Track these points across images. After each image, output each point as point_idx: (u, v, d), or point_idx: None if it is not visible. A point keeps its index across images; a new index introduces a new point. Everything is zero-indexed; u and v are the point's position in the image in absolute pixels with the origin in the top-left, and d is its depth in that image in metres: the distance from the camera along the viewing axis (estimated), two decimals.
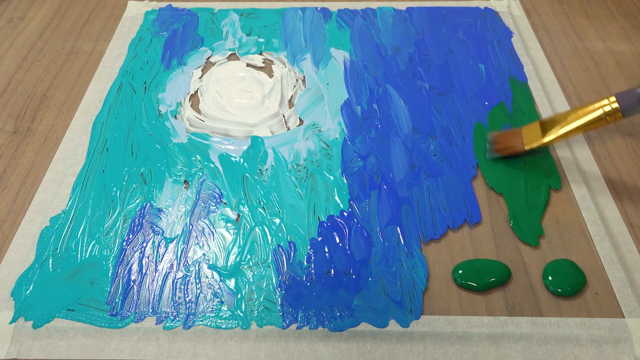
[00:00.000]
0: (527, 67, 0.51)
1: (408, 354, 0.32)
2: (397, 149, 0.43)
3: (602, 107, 0.36)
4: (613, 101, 0.36)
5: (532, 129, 0.40)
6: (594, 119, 0.37)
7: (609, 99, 0.36)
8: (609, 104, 0.36)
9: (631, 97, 0.35)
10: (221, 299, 0.34)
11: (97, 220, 0.38)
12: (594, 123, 0.37)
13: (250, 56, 0.53)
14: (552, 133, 0.39)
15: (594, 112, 0.37)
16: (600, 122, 0.36)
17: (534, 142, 0.40)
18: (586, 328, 0.33)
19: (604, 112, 0.36)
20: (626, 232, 0.38)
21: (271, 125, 0.46)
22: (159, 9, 0.59)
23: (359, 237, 0.37)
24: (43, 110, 0.48)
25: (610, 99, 0.36)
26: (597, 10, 0.59)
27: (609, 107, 0.36)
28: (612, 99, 0.36)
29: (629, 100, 0.35)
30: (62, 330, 0.33)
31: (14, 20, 0.59)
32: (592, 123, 0.37)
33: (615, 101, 0.36)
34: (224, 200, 0.40)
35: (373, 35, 0.55)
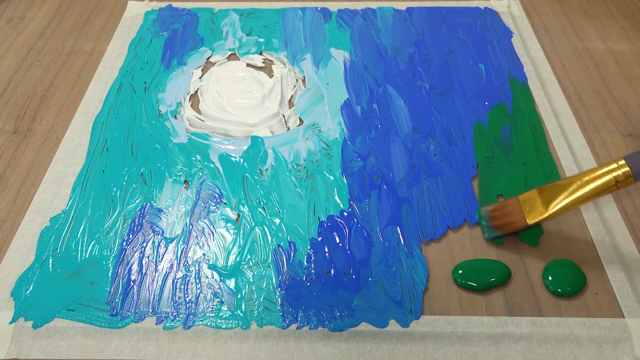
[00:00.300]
0: (527, 67, 0.51)
1: (408, 354, 0.32)
2: (397, 149, 0.43)
3: (610, 172, 0.33)
4: (623, 165, 0.32)
5: (531, 198, 0.36)
6: (603, 186, 0.33)
7: (618, 162, 0.33)
8: (618, 169, 0.32)
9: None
10: (221, 299, 0.34)
11: (97, 220, 0.38)
12: (604, 191, 0.33)
13: (250, 56, 0.53)
14: (556, 204, 0.34)
15: (602, 178, 0.33)
16: (610, 190, 0.33)
17: (536, 215, 0.35)
18: (586, 328, 0.33)
19: (614, 179, 0.32)
20: (626, 232, 0.38)
21: (271, 125, 0.46)
22: (159, 9, 0.59)
23: (359, 237, 0.37)
24: (43, 110, 0.48)
25: (619, 162, 0.32)
26: (597, 10, 0.59)
27: (619, 171, 0.32)
28: (622, 162, 0.32)
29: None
30: (62, 330, 0.33)
31: (14, 20, 0.59)
32: (602, 191, 0.33)
33: (625, 165, 0.32)
34: (224, 200, 0.40)
35: (373, 35, 0.55)
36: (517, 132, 0.45)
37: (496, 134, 0.45)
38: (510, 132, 0.45)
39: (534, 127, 0.45)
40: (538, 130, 0.45)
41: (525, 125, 0.45)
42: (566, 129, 0.45)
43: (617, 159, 0.33)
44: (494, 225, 0.37)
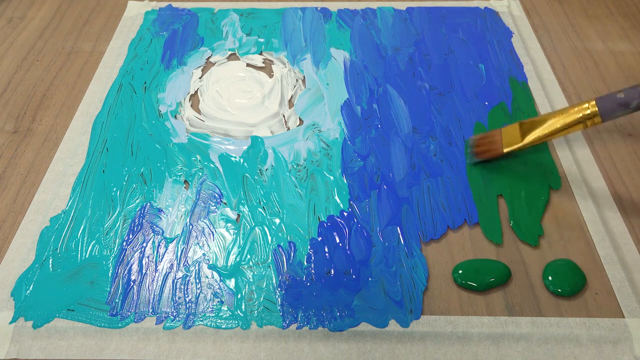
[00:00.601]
0: (527, 67, 0.51)
1: (408, 354, 0.32)
2: (397, 149, 0.43)
3: (582, 110, 0.36)
4: (593, 105, 0.36)
5: (512, 131, 0.40)
6: (573, 121, 0.37)
7: (590, 103, 0.36)
8: (589, 108, 0.36)
9: (611, 102, 0.35)
10: (221, 299, 0.34)
11: (97, 220, 0.38)
12: (574, 126, 0.37)
13: (250, 56, 0.53)
14: (531, 135, 0.39)
15: (573, 114, 0.37)
16: (580, 126, 0.37)
17: (512, 144, 0.39)
18: (586, 328, 0.33)
19: (583, 116, 0.36)
20: (626, 232, 0.38)
21: (271, 125, 0.46)
22: (159, 9, 0.59)
23: (359, 237, 0.37)
24: (43, 110, 0.48)
25: (590, 103, 0.36)
26: (597, 10, 0.59)
27: (589, 110, 0.36)
28: (593, 103, 0.36)
29: (609, 104, 0.35)
30: (62, 330, 0.33)
31: (14, 20, 0.59)
32: (572, 126, 0.37)
33: (595, 105, 0.36)
34: (224, 200, 0.40)
35: (373, 35, 0.55)
36: None
37: None
38: None
39: None
40: None
41: None
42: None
43: (589, 100, 0.36)
44: (476, 152, 0.41)
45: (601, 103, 0.36)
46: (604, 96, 0.36)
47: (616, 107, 0.35)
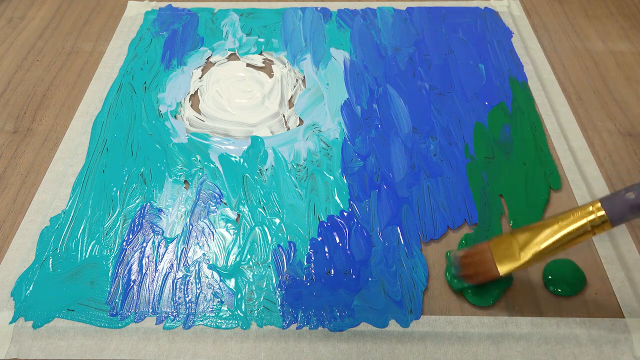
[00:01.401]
0: (527, 67, 0.51)
1: (408, 354, 0.32)
2: (397, 149, 0.43)
3: (585, 215, 0.30)
4: (598, 208, 0.29)
5: (504, 245, 0.32)
6: (579, 230, 0.30)
7: (594, 206, 0.30)
8: (594, 213, 0.29)
9: (621, 205, 0.29)
10: (221, 299, 0.34)
11: (97, 220, 0.38)
12: (579, 237, 0.30)
13: (250, 56, 0.53)
14: (530, 251, 0.31)
15: (576, 222, 0.30)
16: (586, 235, 0.30)
17: (508, 262, 0.31)
18: (586, 328, 0.33)
19: (589, 223, 0.29)
20: (626, 232, 0.38)
21: (271, 125, 0.46)
22: (159, 9, 0.59)
23: (359, 237, 0.37)
24: (43, 110, 0.48)
25: (594, 205, 0.30)
26: (597, 10, 0.59)
27: (594, 216, 0.29)
28: (597, 205, 0.29)
29: (619, 209, 0.29)
30: (62, 330, 0.33)
31: (14, 20, 0.59)
32: (577, 237, 0.30)
33: (601, 209, 0.29)
34: (224, 200, 0.40)
35: (373, 35, 0.55)
36: (517, 132, 0.45)
37: (496, 134, 0.45)
38: (510, 132, 0.45)
39: (534, 127, 0.45)
40: (538, 130, 0.45)
41: (525, 125, 0.45)
42: (566, 129, 0.45)
43: (593, 202, 0.30)
44: (464, 276, 0.33)
45: (609, 207, 0.29)
46: (609, 197, 0.30)
47: (628, 211, 0.29)
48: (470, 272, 0.33)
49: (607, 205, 0.29)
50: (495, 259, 0.32)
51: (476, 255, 0.33)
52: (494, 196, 0.40)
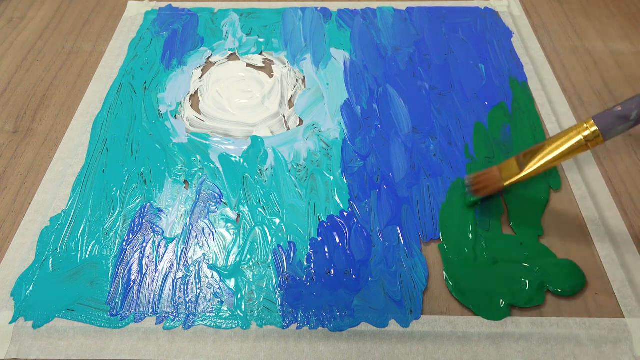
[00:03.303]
0: (527, 67, 0.51)
1: (408, 354, 0.32)
2: (397, 149, 0.43)
3: (580, 132, 0.34)
4: (592, 124, 0.33)
5: (509, 164, 0.37)
6: (574, 145, 0.34)
7: (587, 122, 0.34)
8: (587, 128, 0.33)
9: (609, 117, 0.33)
10: (221, 299, 0.34)
11: (97, 220, 0.38)
12: (575, 150, 0.34)
13: (250, 56, 0.53)
14: (531, 165, 0.35)
15: (572, 139, 0.34)
16: (581, 149, 0.34)
17: (512, 177, 0.36)
18: (586, 328, 0.33)
19: (583, 138, 0.34)
20: (626, 232, 0.38)
21: (271, 125, 0.46)
22: (159, 9, 0.59)
23: (359, 237, 0.37)
24: (43, 110, 0.48)
25: (588, 122, 0.34)
26: (597, 10, 0.59)
27: (588, 131, 0.33)
28: (591, 122, 0.34)
29: (608, 120, 0.33)
30: (62, 330, 0.33)
31: (14, 20, 0.59)
32: (573, 151, 0.34)
33: (594, 124, 0.33)
34: (224, 200, 0.40)
35: (373, 35, 0.55)
36: (517, 132, 0.45)
37: (496, 134, 0.45)
38: (510, 132, 0.45)
39: (534, 127, 0.45)
40: (538, 130, 0.45)
41: (525, 125, 0.45)
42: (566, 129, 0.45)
43: (587, 120, 0.34)
44: (474, 190, 0.38)
45: (599, 120, 0.33)
46: (600, 113, 0.34)
47: (615, 121, 0.33)
48: (480, 187, 0.38)
49: (598, 119, 0.33)
50: (501, 175, 0.37)
51: (486, 174, 0.38)
52: (494, 196, 0.40)
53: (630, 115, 0.32)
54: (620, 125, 0.33)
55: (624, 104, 0.33)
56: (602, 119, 0.33)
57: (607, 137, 0.33)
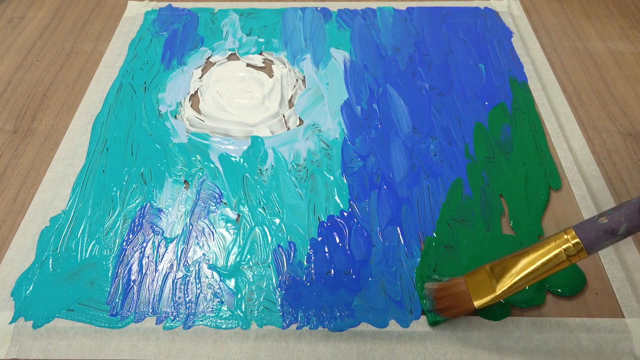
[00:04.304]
0: (527, 67, 0.51)
1: (408, 354, 0.32)
2: (397, 149, 0.43)
3: (560, 245, 0.29)
4: (573, 236, 0.29)
5: (478, 278, 0.32)
6: (554, 261, 0.29)
7: (568, 234, 0.29)
8: (568, 240, 0.29)
9: (594, 231, 0.28)
10: (221, 299, 0.34)
11: (97, 220, 0.38)
12: (556, 266, 0.29)
13: (250, 56, 0.53)
14: (505, 282, 0.30)
15: (552, 252, 0.29)
16: (562, 265, 0.29)
17: (484, 295, 0.31)
18: (586, 328, 0.33)
19: (564, 252, 0.29)
20: None
21: (271, 125, 0.46)
22: (159, 9, 0.59)
23: (359, 237, 0.37)
24: (43, 110, 0.48)
25: (569, 234, 0.29)
26: (597, 10, 0.59)
27: (569, 244, 0.29)
28: (572, 234, 0.29)
29: (592, 235, 0.28)
30: (62, 330, 0.33)
31: (14, 20, 0.59)
32: (553, 267, 0.29)
33: (576, 237, 0.29)
34: (224, 200, 0.40)
35: (373, 35, 0.55)
36: (517, 132, 0.45)
37: (496, 134, 0.45)
38: (510, 132, 0.45)
39: (534, 127, 0.45)
40: (538, 130, 0.45)
41: (525, 125, 0.45)
42: (566, 129, 0.45)
43: (567, 230, 0.29)
44: (438, 309, 0.32)
45: (583, 234, 0.29)
46: (582, 224, 0.29)
47: (601, 236, 0.28)
48: (445, 305, 0.32)
49: (581, 232, 0.29)
50: (470, 292, 0.31)
51: (451, 288, 0.32)
52: (494, 196, 0.40)
53: (619, 229, 0.28)
54: (607, 240, 0.28)
55: (610, 214, 0.28)
56: (586, 232, 0.29)
57: (591, 252, 0.29)
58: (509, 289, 0.30)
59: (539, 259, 0.30)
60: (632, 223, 0.28)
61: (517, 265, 0.30)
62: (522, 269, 0.30)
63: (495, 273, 0.31)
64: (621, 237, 0.28)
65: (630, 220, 0.28)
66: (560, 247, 0.29)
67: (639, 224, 0.28)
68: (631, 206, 0.28)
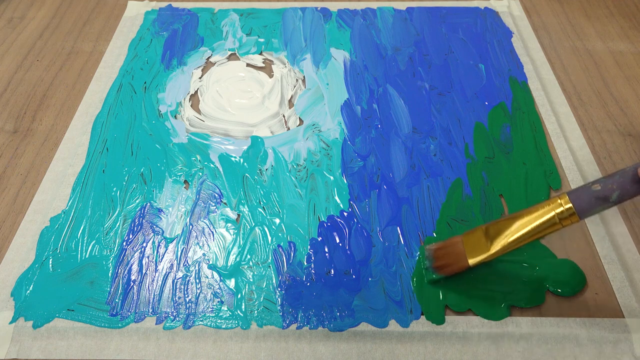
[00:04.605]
0: (527, 67, 0.51)
1: (408, 354, 0.32)
2: (397, 149, 0.43)
3: (553, 208, 0.30)
4: (566, 201, 0.30)
5: (474, 237, 0.33)
6: (546, 223, 0.30)
7: (562, 199, 0.30)
8: (561, 205, 0.30)
9: (587, 197, 0.30)
10: (221, 299, 0.34)
11: (97, 220, 0.38)
12: (547, 229, 0.31)
13: (250, 56, 0.53)
14: (498, 242, 0.32)
15: (545, 215, 0.31)
16: (554, 227, 0.30)
17: (478, 254, 0.32)
18: (586, 328, 0.33)
19: (556, 215, 0.30)
20: (626, 232, 0.38)
21: (271, 125, 0.46)
22: (159, 9, 0.59)
23: (359, 237, 0.37)
24: (43, 110, 0.48)
25: (563, 199, 0.30)
26: (597, 10, 0.59)
27: (562, 208, 0.30)
28: (565, 199, 0.30)
29: (585, 200, 0.29)
30: (62, 330, 0.33)
31: (14, 20, 0.59)
32: (545, 229, 0.31)
33: (569, 201, 0.30)
34: (224, 200, 0.40)
35: (373, 35, 0.55)
36: (517, 132, 0.45)
37: (496, 134, 0.45)
38: (510, 132, 0.45)
39: (534, 127, 0.45)
40: (538, 130, 0.45)
41: (525, 125, 0.45)
42: (566, 129, 0.45)
43: (561, 195, 0.30)
44: (436, 267, 0.34)
45: (576, 199, 0.30)
46: (576, 190, 0.30)
47: (594, 202, 0.29)
48: (442, 263, 0.34)
49: (574, 197, 0.30)
50: (466, 251, 0.33)
51: (448, 247, 0.34)
52: (494, 196, 0.40)
53: (611, 196, 0.29)
54: (599, 206, 0.29)
55: (603, 181, 0.30)
56: (579, 197, 0.30)
57: (582, 217, 0.30)
58: (502, 249, 0.32)
59: (532, 222, 0.31)
60: (624, 191, 0.29)
61: (511, 226, 0.32)
62: (516, 230, 0.31)
63: (490, 233, 0.32)
64: (612, 204, 0.29)
65: (622, 188, 0.29)
66: (554, 211, 0.30)
67: (630, 192, 0.29)
68: (624, 174, 0.29)
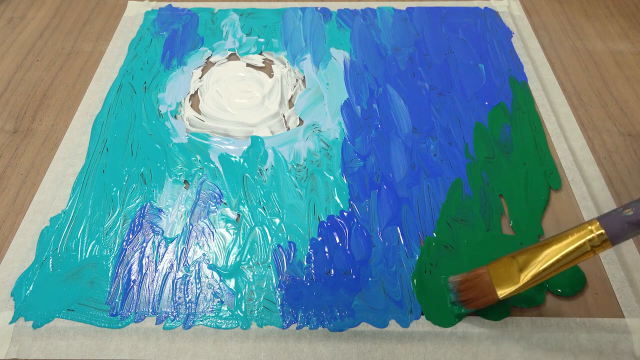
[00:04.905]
0: (527, 67, 0.51)
1: (408, 354, 0.32)
2: (397, 149, 0.43)
3: (584, 236, 0.29)
4: (597, 227, 0.29)
5: (502, 268, 0.31)
6: (578, 251, 0.29)
7: (592, 225, 0.29)
8: (592, 231, 0.29)
9: (619, 223, 0.28)
10: (221, 299, 0.34)
11: (97, 220, 0.38)
12: (580, 257, 0.29)
13: (250, 56, 0.53)
14: (529, 272, 0.30)
15: (575, 242, 0.29)
16: (586, 255, 0.29)
17: (508, 285, 0.30)
18: (586, 328, 0.33)
19: (588, 242, 0.29)
20: None
21: (271, 125, 0.46)
22: (159, 9, 0.59)
23: (358, 237, 0.37)
24: (43, 110, 0.48)
25: (593, 225, 0.29)
26: (597, 10, 0.59)
27: (593, 235, 0.29)
28: (596, 224, 0.29)
29: (618, 226, 0.28)
30: (62, 330, 0.33)
31: (14, 20, 0.59)
32: (577, 257, 0.29)
33: (600, 227, 0.29)
34: (224, 200, 0.40)
35: (373, 35, 0.55)
36: (517, 132, 0.45)
37: (496, 134, 0.45)
38: (510, 132, 0.45)
39: (534, 127, 0.45)
40: (538, 130, 0.45)
41: (525, 125, 0.45)
42: (566, 129, 0.45)
43: (591, 221, 0.29)
44: (463, 301, 0.33)
45: (608, 225, 0.28)
46: (608, 215, 0.29)
47: (627, 227, 0.28)
48: (470, 297, 0.32)
49: (606, 223, 0.29)
50: (494, 283, 0.31)
51: (475, 279, 0.32)
52: (494, 196, 0.40)
53: None
54: (632, 232, 0.28)
55: (635, 207, 0.28)
56: (611, 223, 0.28)
57: (615, 243, 0.29)
58: (533, 279, 0.30)
59: (562, 250, 0.29)
60: None
61: (541, 255, 0.30)
62: (545, 259, 0.30)
63: (519, 263, 0.31)
64: None
65: None
66: (585, 238, 0.29)
67: None
68: None
